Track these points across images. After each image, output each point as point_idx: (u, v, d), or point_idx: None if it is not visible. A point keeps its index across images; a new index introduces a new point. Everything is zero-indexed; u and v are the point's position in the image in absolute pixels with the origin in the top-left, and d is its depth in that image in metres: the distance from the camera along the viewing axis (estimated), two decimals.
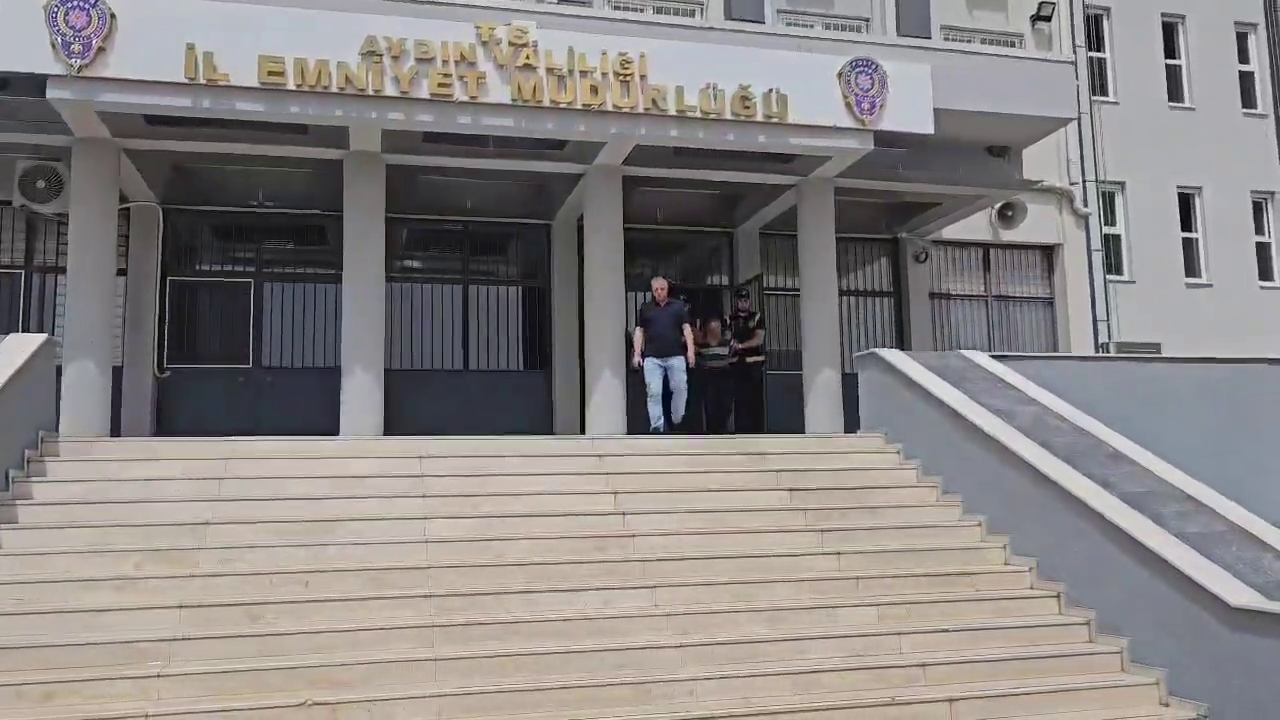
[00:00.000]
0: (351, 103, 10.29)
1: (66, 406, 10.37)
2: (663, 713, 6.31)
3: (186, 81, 9.80)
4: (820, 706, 6.51)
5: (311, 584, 7.31)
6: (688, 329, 11.47)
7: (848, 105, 11.37)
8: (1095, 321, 16.56)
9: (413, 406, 12.65)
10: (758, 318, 13.36)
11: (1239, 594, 6.59)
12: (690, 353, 11.32)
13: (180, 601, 6.92)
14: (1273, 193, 18.79)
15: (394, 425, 11.76)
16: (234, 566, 7.47)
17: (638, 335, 11.37)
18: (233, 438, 9.62)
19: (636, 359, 11.32)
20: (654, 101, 10.85)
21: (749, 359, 13.17)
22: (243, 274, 13.43)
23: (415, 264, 14.14)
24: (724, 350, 13.04)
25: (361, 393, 11.42)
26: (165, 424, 12.58)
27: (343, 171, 11.79)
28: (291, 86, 10.00)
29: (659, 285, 11.58)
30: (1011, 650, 7.35)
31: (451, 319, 13.80)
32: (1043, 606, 7.99)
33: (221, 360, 13.13)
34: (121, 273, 12.35)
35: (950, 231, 15.44)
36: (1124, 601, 7.43)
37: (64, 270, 11.38)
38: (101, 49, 9.62)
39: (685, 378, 11.28)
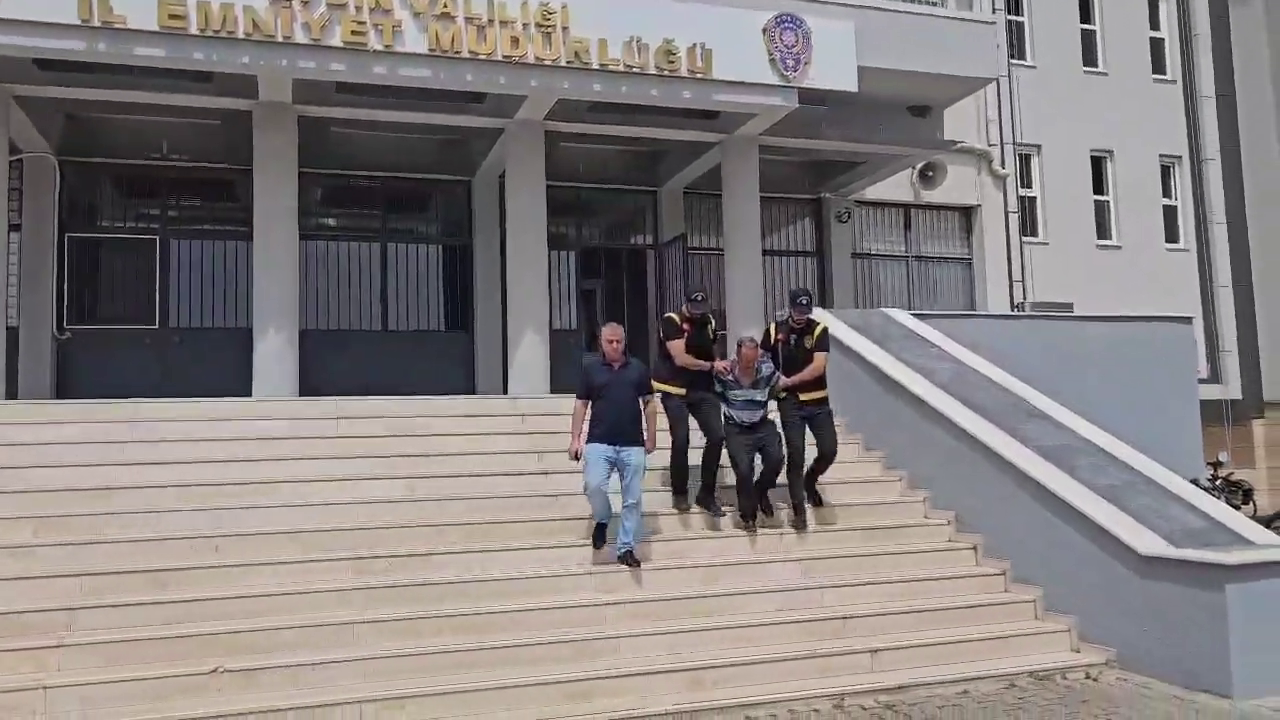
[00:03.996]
0: (259, 50, 9.84)
1: None
2: (594, 668, 6.28)
3: (80, 23, 9.25)
4: (748, 660, 6.54)
5: (223, 549, 7.06)
6: (651, 407, 7.71)
7: (772, 62, 11.29)
8: (1011, 281, 16.89)
9: (330, 368, 12.33)
10: (820, 329, 8.35)
11: (1147, 542, 6.79)
12: (653, 432, 7.62)
13: (81, 569, 6.63)
14: (1179, 157, 19.33)
15: (310, 387, 11.45)
16: (140, 532, 7.17)
17: (577, 410, 7.56)
18: (138, 400, 9.24)
19: (575, 444, 7.48)
20: (576, 54, 10.62)
21: (805, 397, 8.24)
22: (147, 230, 12.84)
23: (331, 221, 13.70)
24: (760, 392, 8.08)
25: (275, 354, 11.06)
26: (66, 387, 12.03)
27: (252, 123, 11.32)
28: (194, 31, 9.51)
29: (611, 336, 7.63)
30: (930, 601, 7.47)
31: (369, 278, 13.42)
32: (961, 558, 8.15)
33: (126, 320, 12.56)
34: (15, 228, 11.71)
35: (872, 192, 15.54)
36: (1038, 552, 7.61)
37: None
38: None
39: (641, 478, 7.40)
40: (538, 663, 6.30)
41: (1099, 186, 18.91)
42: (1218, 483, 13.64)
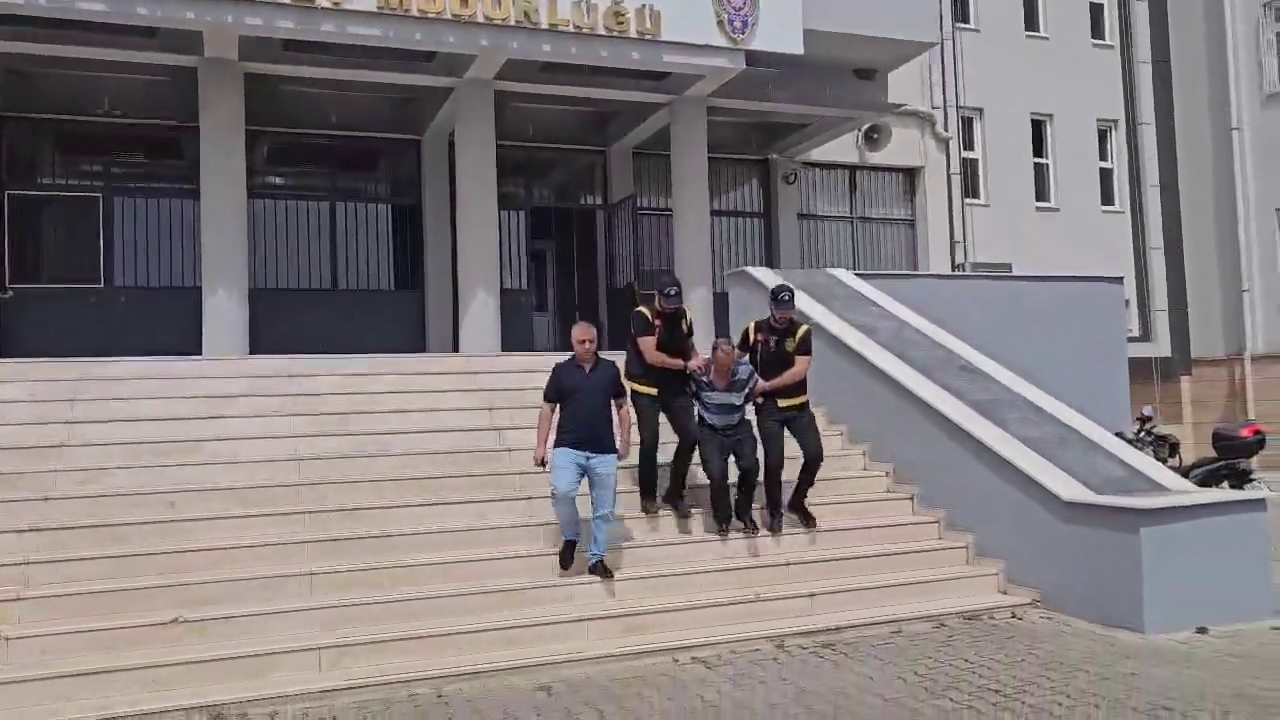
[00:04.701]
0: (204, 5, 9.76)
1: None
2: (540, 618, 6.50)
3: None
4: (689, 605, 6.81)
5: (177, 504, 7.15)
6: (624, 410, 7.26)
7: (720, 23, 11.42)
8: (953, 242, 17.28)
9: (280, 327, 12.31)
10: (803, 331, 7.91)
11: (1071, 490, 7.16)
12: (625, 438, 7.18)
13: (33, 524, 6.68)
14: (1116, 121, 19.81)
15: (260, 346, 11.46)
16: (92, 489, 7.23)
17: (544, 413, 7.08)
18: (86, 359, 9.22)
19: (541, 450, 7.04)
20: (526, 14, 10.66)
21: (784, 403, 7.79)
22: (90, 188, 12.67)
23: (279, 179, 13.61)
24: (737, 395, 7.57)
25: (224, 312, 11.06)
26: (8, 347, 11.87)
27: (197, 80, 11.20)
28: None
29: (583, 336, 7.09)
30: (868, 549, 7.80)
31: (319, 237, 13.39)
32: (898, 508, 8.49)
33: (70, 279, 12.42)
34: None
35: (819, 153, 15.77)
36: (971, 500, 7.97)
37: None
38: None
39: (613, 487, 6.95)
40: (486, 610, 6.50)
41: (1039, 149, 19.34)
42: (1145, 436, 14.17)
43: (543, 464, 7.03)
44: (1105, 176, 20.19)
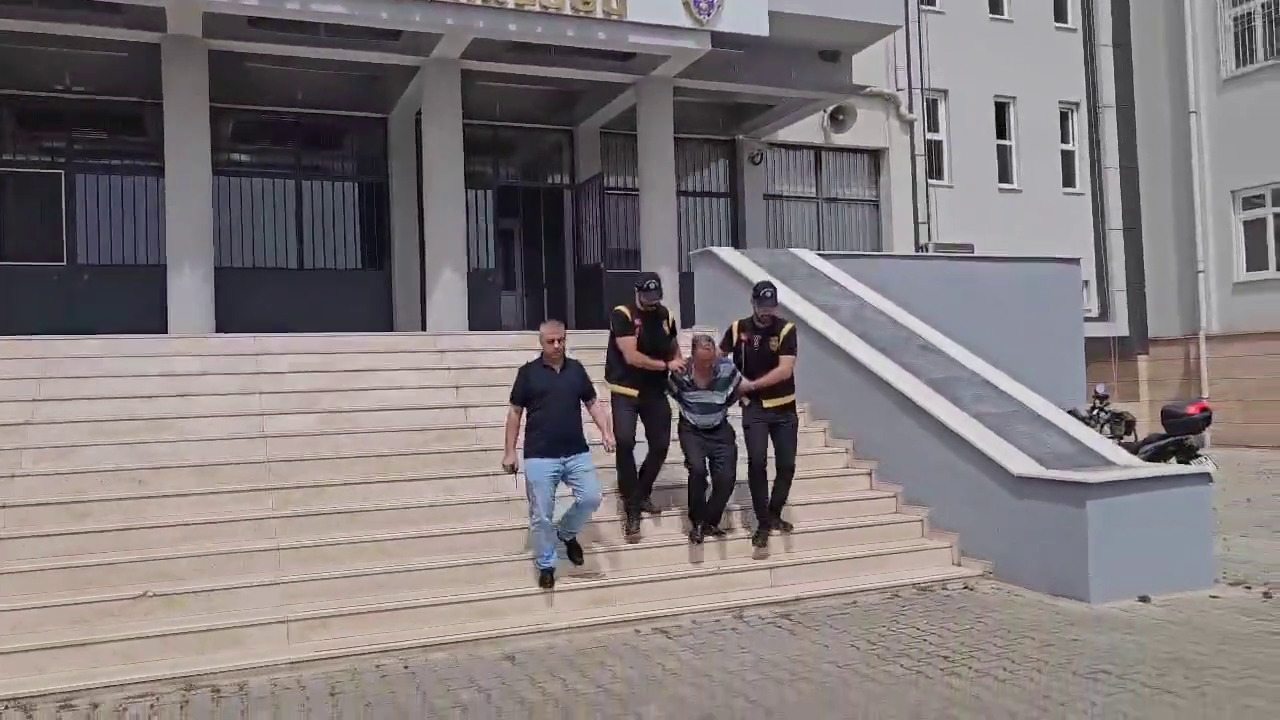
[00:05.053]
0: None
1: None
2: (503, 590, 6.64)
3: None
4: (654, 578, 6.99)
5: (145, 481, 7.21)
6: (598, 406, 7.05)
7: (686, 5, 11.51)
8: (917, 223, 17.51)
9: (246, 305, 12.32)
10: (787, 330, 7.65)
11: (1021, 465, 7.39)
12: (607, 435, 6.98)
13: (1, 502, 6.72)
14: (1077, 103, 20.10)
15: (226, 325, 11.46)
16: (59, 466, 7.27)
17: (512, 418, 6.78)
18: (51, 337, 9.20)
19: (510, 456, 6.75)
20: None
21: (770, 403, 7.54)
22: (52, 164, 12.57)
23: (244, 157, 13.56)
24: (719, 395, 7.32)
25: (190, 291, 11.05)
26: None
27: (161, 56, 11.13)
28: None
29: (552, 335, 6.78)
30: (827, 522, 8.00)
31: (285, 215, 13.37)
32: (857, 483, 8.70)
33: (31, 257, 12.34)
34: None
35: (784, 134, 15.91)
36: (926, 475, 8.19)
37: None
38: None
39: (595, 485, 6.70)
40: (454, 584, 6.64)
41: (1002, 131, 19.61)
42: (1102, 414, 14.49)
43: (513, 470, 6.73)
44: (1067, 158, 20.52)
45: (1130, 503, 6.96)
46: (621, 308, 7.63)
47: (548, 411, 6.69)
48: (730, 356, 7.64)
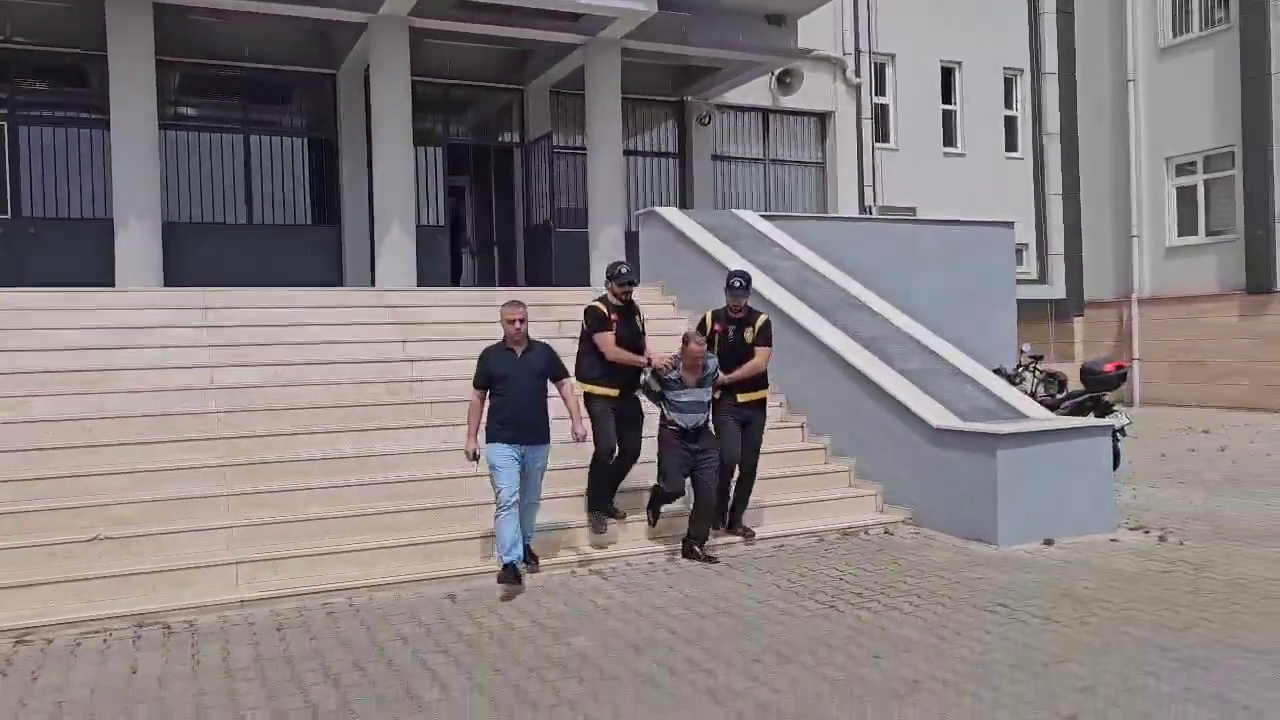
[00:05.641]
0: None
1: None
2: (452, 533, 6.95)
3: None
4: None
5: (95, 430, 7.39)
6: (569, 388, 6.74)
7: None
8: (862, 185, 17.87)
9: (194, 260, 12.36)
10: (762, 321, 7.54)
11: (940, 418, 7.82)
12: (578, 419, 6.62)
13: None
14: (1021, 70, 20.51)
15: (175, 279, 11.53)
16: (10, 416, 7.42)
17: (474, 403, 6.52)
18: None
19: (471, 443, 6.48)
20: None
21: (744, 397, 7.39)
22: None
23: (191, 111, 13.51)
24: (705, 392, 7.08)
25: (138, 245, 11.11)
26: None
27: (104, 7, 11.07)
28: None
29: (513, 315, 6.47)
30: (760, 472, 8.37)
31: (233, 170, 13.37)
32: (790, 436, 9.10)
33: None
34: None
35: (732, 96, 16.12)
36: (854, 428, 8.61)
37: None
38: None
39: (539, 489, 6.65)
40: (401, 529, 6.94)
41: (947, 96, 19.98)
42: (1036, 373, 15.04)
43: (475, 458, 6.45)
44: (1010, 124, 20.97)
45: (1037, 452, 7.43)
46: (595, 304, 7.24)
47: (511, 396, 6.38)
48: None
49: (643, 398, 7.29)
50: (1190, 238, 19.56)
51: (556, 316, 10.15)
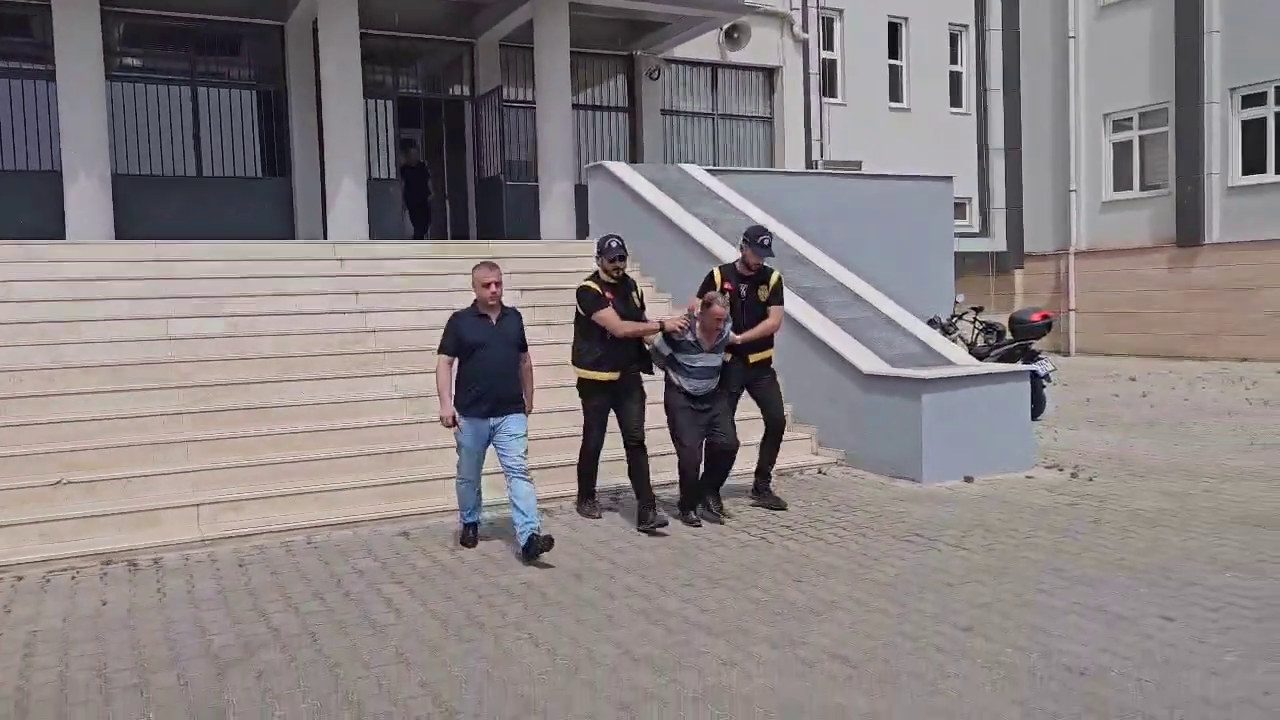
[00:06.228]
0: None
1: None
2: (401, 477, 7.27)
3: None
4: (544, 465, 7.61)
5: (56, 380, 7.58)
6: (529, 364, 6.24)
7: None
8: (809, 140, 18.18)
9: (145, 213, 12.39)
10: (776, 278, 7.17)
11: (870, 364, 8.26)
12: (531, 392, 6.21)
13: None
14: (966, 26, 20.89)
15: (126, 231, 11.60)
16: None
17: (443, 368, 6.01)
18: None
19: (448, 409, 5.99)
20: None
21: (755, 358, 7.06)
22: None
23: (138, 62, 13.43)
24: (718, 356, 6.69)
25: (87, 197, 11.16)
26: None
27: None
28: None
29: (489, 278, 6.02)
30: None
31: (182, 122, 13.35)
32: None
33: None
34: None
35: (681, 51, 16.29)
36: (792, 374, 8.95)
37: None
38: None
39: (521, 451, 5.96)
40: (355, 471, 7.25)
41: (894, 52, 20.32)
42: (977, 324, 15.59)
43: (454, 422, 6.01)
44: (955, 79, 21.41)
45: (960, 396, 7.91)
46: (588, 283, 6.66)
47: (482, 366, 5.90)
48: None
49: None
50: (1126, 192, 20.21)
51: (506, 269, 10.36)
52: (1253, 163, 17.99)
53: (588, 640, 4.53)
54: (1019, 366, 9.04)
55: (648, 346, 6.76)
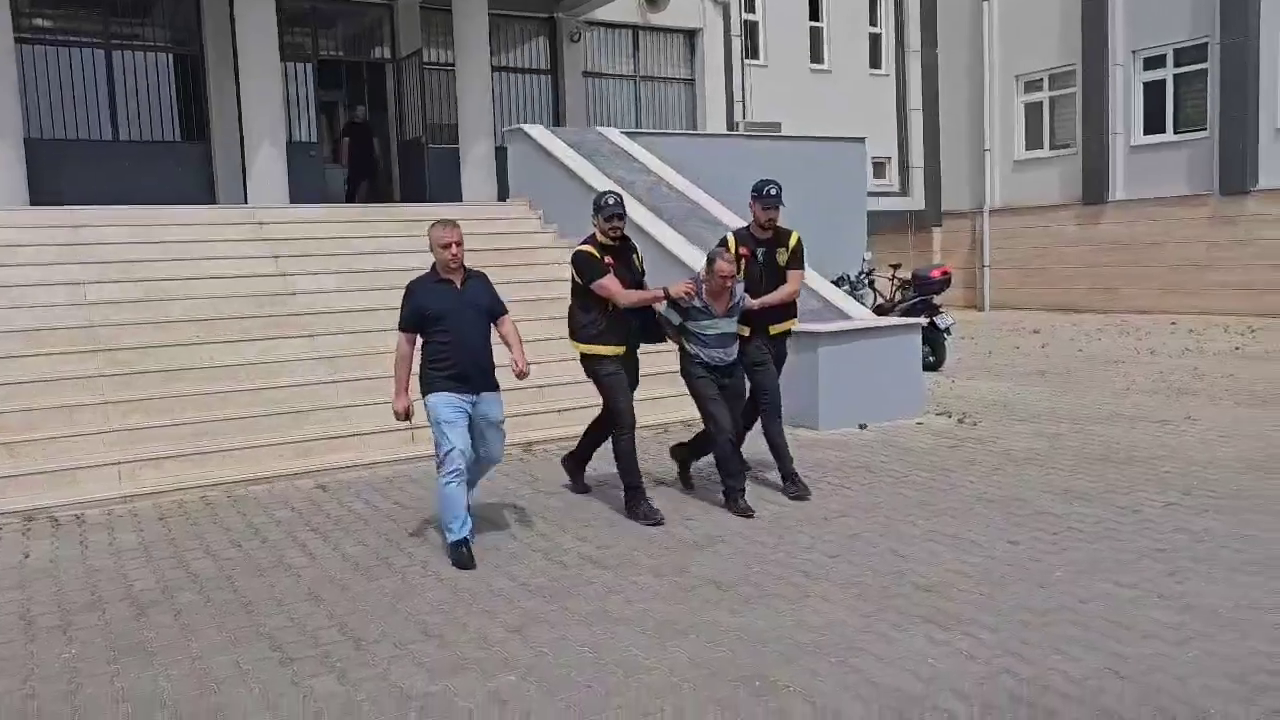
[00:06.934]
0: None
1: None
2: (318, 435, 7.54)
3: None
4: None
5: None
6: (510, 325, 5.60)
7: None
8: (731, 102, 18.52)
9: (60, 178, 12.32)
10: (795, 240, 6.58)
11: None
12: (522, 355, 5.46)
13: None
14: None
15: (40, 198, 11.50)
16: None
17: (403, 351, 5.33)
18: None
19: (402, 400, 5.33)
20: None
21: (776, 329, 6.53)
22: None
23: (48, 24, 13.24)
24: (733, 322, 6.13)
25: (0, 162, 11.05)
26: None
27: None
28: None
29: (449, 237, 5.29)
30: None
31: (95, 86, 13.22)
32: None
33: None
34: None
35: (602, 13, 16.45)
36: None
37: None
38: None
39: (501, 443, 5.55)
40: (272, 430, 7.50)
41: (815, 13, 20.67)
42: (894, 280, 16.17)
43: (407, 416, 5.35)
44: (874, 41, 21.81)
45: (855, 348, 8.39)
46: (584, 248, 6.02)
47: (451, 338, 5.21)
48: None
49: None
50: (1037, 151, 20.94)
51: (423, 232, 10.64)
52: (1154, 123, 18.76)
53: (488, 576, 4.91)
54: (914, 320, 9.56)
55: (658, 315, 6.20)
